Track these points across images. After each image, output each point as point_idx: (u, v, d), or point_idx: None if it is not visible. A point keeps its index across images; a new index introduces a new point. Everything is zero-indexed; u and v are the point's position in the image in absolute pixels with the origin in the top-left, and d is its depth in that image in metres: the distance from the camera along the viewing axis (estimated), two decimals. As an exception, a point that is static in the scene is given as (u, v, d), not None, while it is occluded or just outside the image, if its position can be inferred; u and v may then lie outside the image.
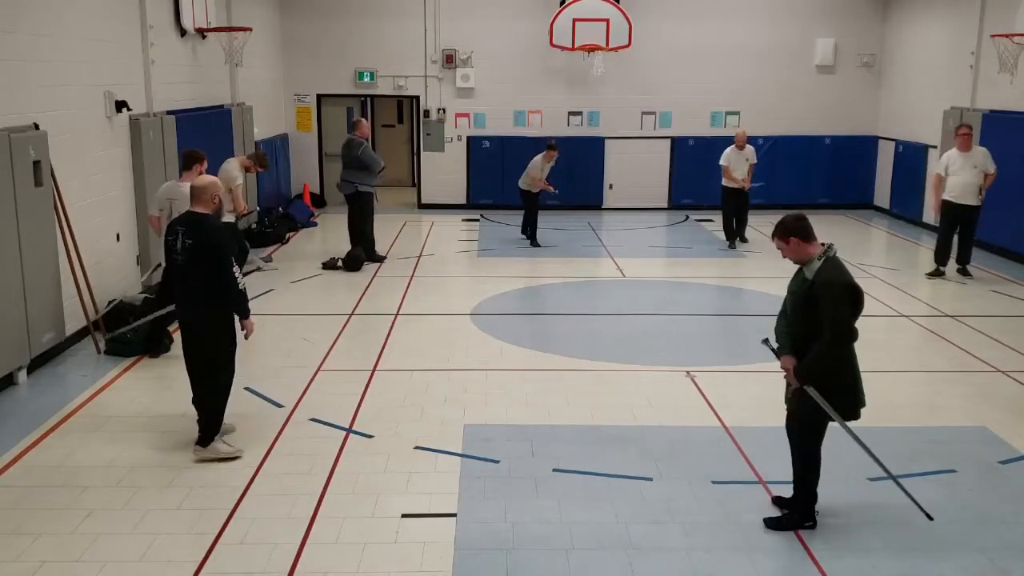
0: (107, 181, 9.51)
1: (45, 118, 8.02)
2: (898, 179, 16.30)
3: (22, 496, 5.59)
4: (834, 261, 5.05)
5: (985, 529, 5.32)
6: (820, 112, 17.20)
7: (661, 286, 11.55)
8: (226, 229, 6.69)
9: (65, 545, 5.00)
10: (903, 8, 16.45)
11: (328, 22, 16.73)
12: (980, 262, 12.33)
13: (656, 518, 5.38)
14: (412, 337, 9.05)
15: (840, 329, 4.92)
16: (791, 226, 5.10)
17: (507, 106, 17.01)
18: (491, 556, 4.94)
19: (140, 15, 10.33)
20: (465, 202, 17.08)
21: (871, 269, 12.00)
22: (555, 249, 13.57)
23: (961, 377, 7.98)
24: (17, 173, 7.39)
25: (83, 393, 7.38)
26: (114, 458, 6.15)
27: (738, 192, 13.71)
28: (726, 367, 8.04)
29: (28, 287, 7.58)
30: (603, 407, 7.19)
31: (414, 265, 12.40)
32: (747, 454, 6.25)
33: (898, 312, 10.04)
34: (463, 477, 5.89)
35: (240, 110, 13.54)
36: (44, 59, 8.20)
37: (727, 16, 16.84)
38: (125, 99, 9.69)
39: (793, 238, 5.09)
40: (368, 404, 7.15)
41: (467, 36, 16.79)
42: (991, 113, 13.25)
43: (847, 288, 4.93)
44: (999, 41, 12.38)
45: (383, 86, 17.04)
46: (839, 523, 5.34)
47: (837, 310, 4.90)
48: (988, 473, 6.03)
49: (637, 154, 17.22)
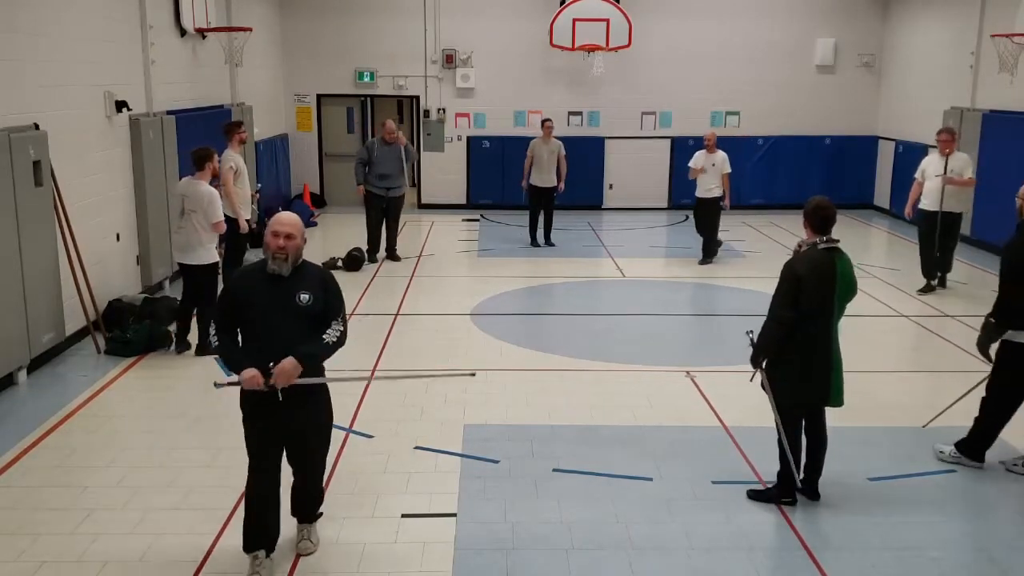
0: (107, 181, 9.51)
1: (45, 118, 8.02)
2: (898, 179, 16.28)
3: (22, 496, 5.59)
4: (810, 253, 5.26)
5: (985, 529, 5.32)
6: (820, 112, 17.19)
7: (661, 286, 11.54)
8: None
9: (65, 545, 5.00)
10: (903, 8, 16.45)
11: (328, 22, 16.72)
12: (980, 262, 12.33)
13: (656, 518, 5.38)
14: (412, 337, 9.05)
15: (774, 311, 5.26)
16: (806, 209, 5.38)
17: (507, 106, 17.01)
18: (491, 556, 4.94)
19: (140, 15, 10.33)
20: (465, 202, 17.09)
21: (871, 269, 12.00)
22: (555, 249, 13.57)
23: (961, 377, 7.97)
24: (17, 173, 7.39)
25: (83, 393, 7.38)
26: (114, 458, 6.15)
27: (707, 202, 12.40)
28: (726, 367, 8.04)
29: (28, 287, 7.58)
30: (603, 407, 7.18)
31: (414, 265, 12.40)
32: (747, 454, 6.25)
33: (898, 312, 10.04)
34: (463, 477, 5.89)
35: (240, 110, 13.53)
36: (44, 59, 8.20)
37: (727, 16, 16.84)
38: (125, 99, 9.69)
39: (805, 220, 5.39)
40: (368, 404, 7.15)
41: (467, 36, 16.79)
42: (991, 113, 13.25)
43: (791, 272, 5.20)
44: (999, 41, 12.38)
45: (383, 86, 17.04)
46: (839, 523, 5.34)
47: (777, 292, 5.26)
48: (988, 473, 6.03)
49: (637, 154, 17.23)
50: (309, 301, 4.55)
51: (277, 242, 4.49)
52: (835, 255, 5.27)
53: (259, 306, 4.52)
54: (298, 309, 4.53)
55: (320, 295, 4.59)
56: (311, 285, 4.59)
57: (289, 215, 4.66)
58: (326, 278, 4.71)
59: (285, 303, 4.53)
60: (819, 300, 5.20)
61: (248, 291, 4.57)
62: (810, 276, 5.17)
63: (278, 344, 4.48)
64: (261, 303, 4.52)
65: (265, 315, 4.52)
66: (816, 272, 5.19)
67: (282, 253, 4.49)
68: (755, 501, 5.56)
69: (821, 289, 5.19)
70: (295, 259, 4.55)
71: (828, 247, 5.26)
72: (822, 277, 5.19)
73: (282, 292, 4.52)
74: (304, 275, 4.60)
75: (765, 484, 5.68)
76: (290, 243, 4.51)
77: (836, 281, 5.22)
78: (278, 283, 4.52)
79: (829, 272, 5.21)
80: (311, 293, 4.56)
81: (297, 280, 4.55)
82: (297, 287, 4.54)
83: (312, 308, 4.56)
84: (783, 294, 5.22)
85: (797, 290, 5.16)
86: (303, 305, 4.54)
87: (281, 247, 4.49)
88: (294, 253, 4.53)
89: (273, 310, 4.52)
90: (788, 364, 5.30)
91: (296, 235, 4.53)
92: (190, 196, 8.21)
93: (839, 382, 5.36)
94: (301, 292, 4.53)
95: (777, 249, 13.25)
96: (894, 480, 5.94)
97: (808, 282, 5.15)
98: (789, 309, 5.18)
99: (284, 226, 4.53)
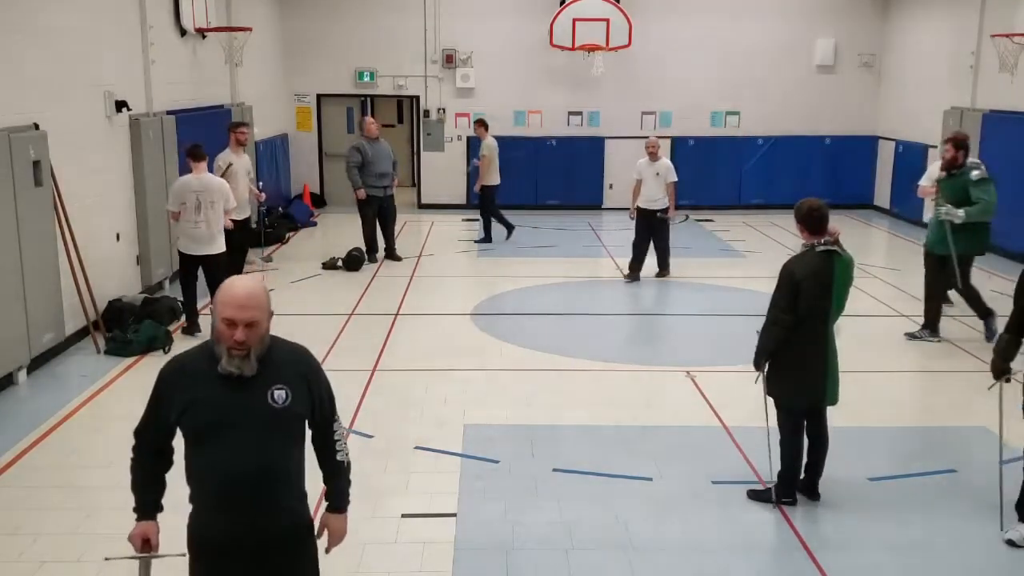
0: (107, 181, 9.51)
1: (45, 118, 8.02)
2: (898, 179, 16.29)
3: (22, 496, 5.59)
4: (809, 255, 5.25)
5: (985, 529, 5.32)
6: (820, 112, 17.19)
7: (661, 286, 11.54)
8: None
9: (65, 545, 5.00)
10: (903, 8, 16.45)
11: (328, 22, 16.72)
12: (979, 262, 12.31)
13: (656, 518, 5.39)
14: (412, 337, 9.05)
15: (772, 313, 5.28)
16: (797, 212, 5.38)
17: (507, 106, 17.00)
18: (491, 556, 4.94)
19: (140, 15, 10.33)
20: (465, 202, 17.08)
21: (871, 269, 12.00)
22: (555, 249, 13.57)
23: (961, 377, 7.98)
24: (17, 173, 7.39)
25: (83, 393, 7.38)
26: (114, 458, 6.13)
27: (649, 214, 11.30)
28: (726, 367, 8.04)
29: (28, 287, 7.58)
30: (603, 407, 7.19)
31: (414, 265, 12.40)
32: (747, 454, 6.25)
33: (898, 312, 10.04)
34: (463, 477, 5.89)
35: (240, 110, 13.53)
36: (44, 59, 8.20)
37: (727, 16, 16.84)
38: (125, 99, 9.69)
39: (799, 224, 5.38)
40: (368, 404, 7.15)
41: (467, 36, 16.79)
42: (991, 113, 13.25)
43: (789, 276, 5.20)
44: (999, 41, 12.38)
45: (383, 86, 17.04)
46: (839, 523, 5.34)
47: (775, 294, 5.27)
48: (988, 473, 6.03)
49: (637, 154, 17.18)
50: (287, 400, 3.11)
51: (233, 335, 2.99)
52: (834, 256, 5.27)
53: (211, 417, 3.07)
54: (272, 413, 3.09)
55: (301, 387, 3.16)
56: (288, 376, 3.15)
57: (245, 288, 3.06)
58: (307, 362, 3.26)
59: (251, 408, 3.08)
60: (817, 302, 5.20)
61: (192, 394, 3.09)
62: (808, 279, 5.16)
63: (243, 467, 3.07)
64: (215, 413, 3.07)
65: (220, 429, 3.07)
66: (814, 275, 5.19)
67: (241, 350, 3.03)
68: (755, 501, 5.56)
69: (819, 291, 5.19)
70: (261, 349, 3.08)
71: (826, 249, 5.24)
72: (820, 279, 5.20)
73: (246, 394, 3.08)
74: (275, 364, 3.14)
75: (765, 484, 5.68)
76: (252, 334, 3.02)
77: (834, 283, 5.23)
78: (239, 383, 3.07)
79: (827, 274, 5.21)
80: (288, 388, 3.13)
81: (267, 374, 3.11)
82: (268, 383, 3.10)
83: (292, 409, 3.12)
84: (781, 296, 5.23)
85: (795, 293, 5.17)
86: (279, 406, 3.10)
87: (240, 342, 3.00)
88: (259, 344, 3.06)
89: (233, 421, 3.07)
90: (787, 365, 5.31)
91: (259, 319, 3.04)
92: (205, 189, 8.63)
93: (835, 380, 5.38)
94: (275, 388, 3.10)
95: (777, 249, 13.25)
96: (894, 480, 5.94)
97: (806, 285, 5.15)
98: (787, 312, 5.19)
99: (243, 310, 3.00)
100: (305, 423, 3.24)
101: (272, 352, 3.15)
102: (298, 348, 3.30)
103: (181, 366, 3.17)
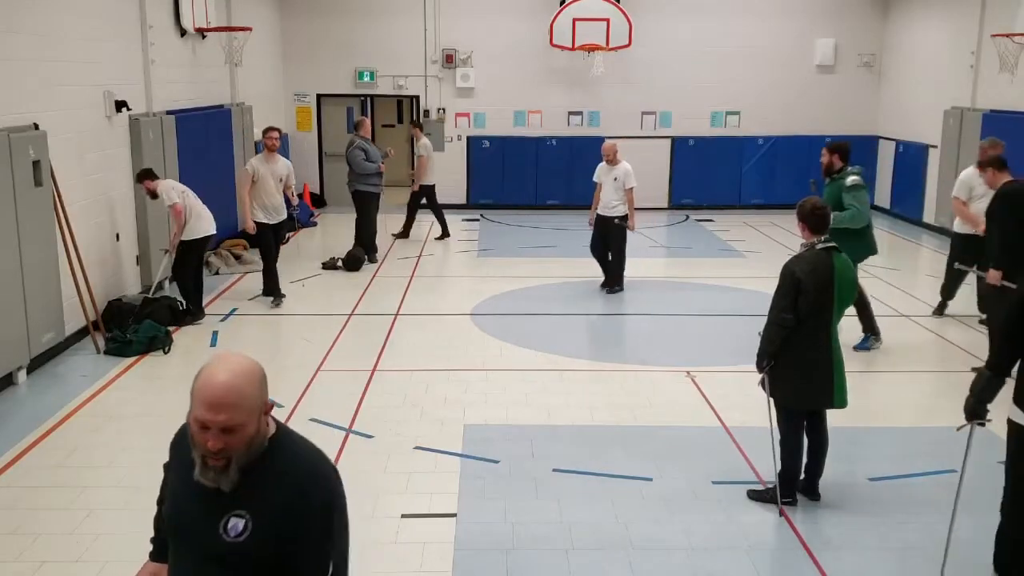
0: (107, 181, 9.51)
1: (45, 118, 8.02)
2: (898, 179, 16.30)
3: (22, 496, 5.59)
4: (808, 254, 5.28)
5: (985, 529, 5.31)
6: (820, 112, 17.19)
7: (661, 286, 11.54)
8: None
9: (65, 545, 5.00)
10: (903, 8, 16.45)
11: (328, 22, 16.72)
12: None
13: (656, 518, 5.38)
14: (412, 337, 9.05)
15: (773, 313, 5.28)
16: (799, 211, 5.41)
17: (507, 106, 17.01)
18: (491, 556, 4.94)
19: (140, 15, 10.33)
20: (465, 202, 17.08)
21: (871, 269, 11.99)
22: (555, 249, 13.57)
23: (962, 377, 7.97)
24: (17, 173, 7.38)
25: (83, 393, 7.38)
26: (114, 458, 6.15)
27: (606, 221, 10.57)
28: (726, 367, 8.04)
29: (28, 287, 7.58)
30: (603, 407, 7.19)
31: (414, 265, 12.40)
32: (747, 454, 6.25)
33: (898, 312, 10.04)
34: (463, 477, 5.89)
35: (240, 110, 13.54)
36: (44, 59, 8.20)
37: (727, 16, 16.84)
38: (125, 99, 9.69)
39: (801, 222, 5.40)
40: (368, 404, 7.15)
41: (467, 36, 16.79)
42: (991, 113, 13.25)
43: (790, 275, 5.22)
44: (999, 41, 12.38)
45: (383, 86, 17.04)
46: (839, 523, 5.34)
47: (777, 294, 5.28)
48: (988, 473, 6.02)
49: (637, 154, 17.17)
50: (242, 533, 2.29)
51: (206, 440, 2.26)
52: (833, 254, 5.28)
53: (174, 520, 2.45)
54: (218, 546, 2.31)
55: (280, 523, 2.31)
56: (267, 500, 2.31)
57: (227, 380, 2.28)
58: (309, 491, 2.37)
59: (203, 532, 2.33)
60: (818, 301, 5.20)
61: (173, 482, 2.50)
62: (809, 278, 5.17)
63: None
64: (178, 517, 2.43)
65: (178, 537, 2.45)
66: (815, 273, 5.19)
67: (218, 460, 2.28)
68: (755, 501, 5.56)
69: (820, 290, 5.20)
70: (248, 457, 2.30)
71: (826, 247, 5.27)
72: (821, 278, 5.20)
73: (207, 510, 2.33)
74: (263, 478, 2.32)
75: (765, 484, 5.68)
76: (232, 440, 2.26)
77: (835, 281, 5.24)
78: (211, 493, 2.32)
79: (828, 273, 5.22)
80: (251, 518, 2.30)
81: (243, 491, 2.31)
82: (234, 504, 2.31)
83: (245, 546, 2.30)
84: (782, 296, 5.24)
85: (796, 292, 5.17)
86: (229, 540, 2.30)
87: (217, 451, 2.26)
88: (244, 451, 2.29)
89: (189, 537, 2.40)
90: (789, 366, 5.30)
91: (241, 423, 2.26)
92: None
93: (841, 382, 5.36)
94: (233, 515, 2.30)
95: (777, 249, 13.24)
96: (894, 480, 5.94)
97: (807, 284, 5.16)
98: (789, 311, 5.19)
99: (217, 410, 2.25)
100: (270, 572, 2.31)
101: (273, 459, 2.32)
102: (312, 467, 2.38)
103: (181, 437, 2.47)
